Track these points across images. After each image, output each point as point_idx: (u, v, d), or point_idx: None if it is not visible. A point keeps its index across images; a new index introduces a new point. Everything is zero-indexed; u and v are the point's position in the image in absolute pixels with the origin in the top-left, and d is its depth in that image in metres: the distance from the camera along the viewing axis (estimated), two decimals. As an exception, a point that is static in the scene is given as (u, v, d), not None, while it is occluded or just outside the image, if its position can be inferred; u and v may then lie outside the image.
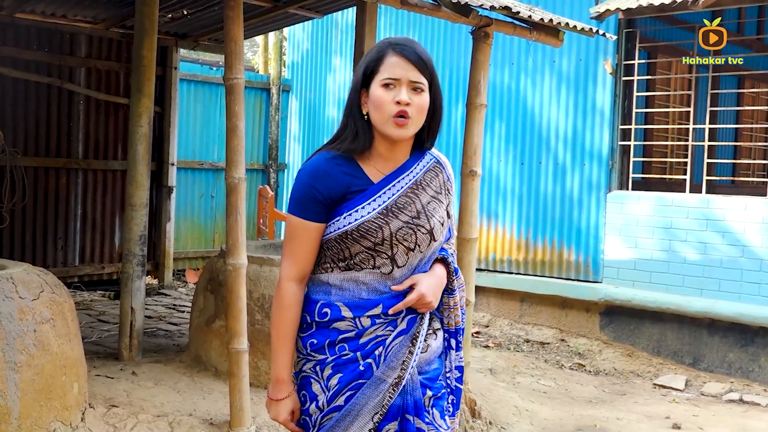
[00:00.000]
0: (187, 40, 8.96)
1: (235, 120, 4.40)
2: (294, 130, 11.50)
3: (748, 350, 7.23)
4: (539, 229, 8.64)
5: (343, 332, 2.30)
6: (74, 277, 8.34)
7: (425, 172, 2.39)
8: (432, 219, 2.35)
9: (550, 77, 8.61)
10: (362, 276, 2.31)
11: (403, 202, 2.32)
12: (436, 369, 2.42)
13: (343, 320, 2.30)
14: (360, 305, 2.30)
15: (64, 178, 8.23)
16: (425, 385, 2.37)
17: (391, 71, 2.27)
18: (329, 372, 2.30)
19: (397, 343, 2.31)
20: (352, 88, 2.36)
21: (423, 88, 2.29)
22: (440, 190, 2.41)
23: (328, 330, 2.31)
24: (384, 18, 9.82)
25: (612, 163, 8.15)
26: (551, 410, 6.04)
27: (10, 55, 7.66)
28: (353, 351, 2.29)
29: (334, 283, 2.34)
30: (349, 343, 2.30)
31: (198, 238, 10.37)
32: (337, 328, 2.30)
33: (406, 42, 2.31)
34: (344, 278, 2.33)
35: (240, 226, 4.39)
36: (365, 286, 2.32)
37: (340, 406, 2.29)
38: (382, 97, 2.26)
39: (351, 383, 2.29)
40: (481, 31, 5.83)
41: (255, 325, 5.04)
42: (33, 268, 4.12)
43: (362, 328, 2.30)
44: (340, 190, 2.29)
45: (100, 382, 4.87)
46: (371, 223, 2.28)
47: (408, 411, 2.32)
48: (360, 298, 2.31)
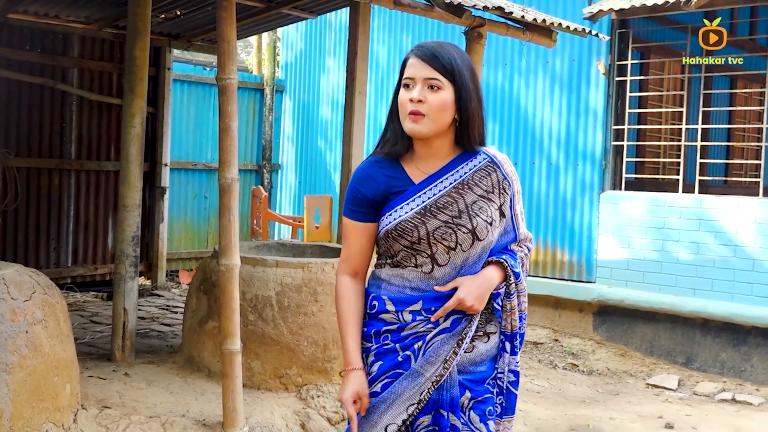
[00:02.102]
0: (180, 41, 8.95)
1: (228, 120, 4.40)
2: (288, 131, 11.50)
3: (740, 350, 7.25)
4: (532, 229, 8.64)
5: (388, 324, 2.42)
6: (67, 278, 8.32)
7: (475, 172, 2.42)
8: (476, 218, 2.38)
9: (544, 77, 8.62)
10: (406, 273, 2.41)
11: (444, 201, 2.38)
12: (483, 372, 2.45)
13: (388, 313, 2.41)
14: (402, 300, 2.40)
15: (56, 179, 8.21)
16: (465, 386, 2.41)
17: (408, 71, 2.37)
18: (372, 359, 2.43)
19: (439, 340, 2.38)
20: (393, 93, 2.47)
21: (440, 86, 2.33)
22: (491, 189, 2.43)
23: (376, 321, 2.44)
24: (377, 18, 9.83)
25: (605, 163, 8.16)
26: (545, 410, 6.05)
27: (3, 56, 7.64)
28: (394, 342, 2.40)
29: (384, 277, 2.46)
30: (391, 335, 2.41)
31: (191, 239, 10.36)
32: (383, 320, 2.42)
33: (429, 43, 2.39)
34: (392, 274, 2.44)
35: (233, 227, 4.39)
36: (409, 283, 2.41)
37: (376, 392, 2.40)
38: (401, 97, 2.38)
39: (389, 371, 2.39)
40: (474, 32, 5.85)
41: (248, 325, 5.03)
42: (25, 269, 4.11)
43: (404, 322, 2.39)
44: (382, 191, 2.41)
45: (92, 384, 4.86)
46: (407, 222, 2.36)
47: (443, 406, 2.39)
48: (404, 293, 2.41)
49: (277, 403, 4.92)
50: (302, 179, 11.22)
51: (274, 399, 4.97)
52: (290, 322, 5.07)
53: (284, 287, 5.11)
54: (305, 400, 5.01)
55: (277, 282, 5.12)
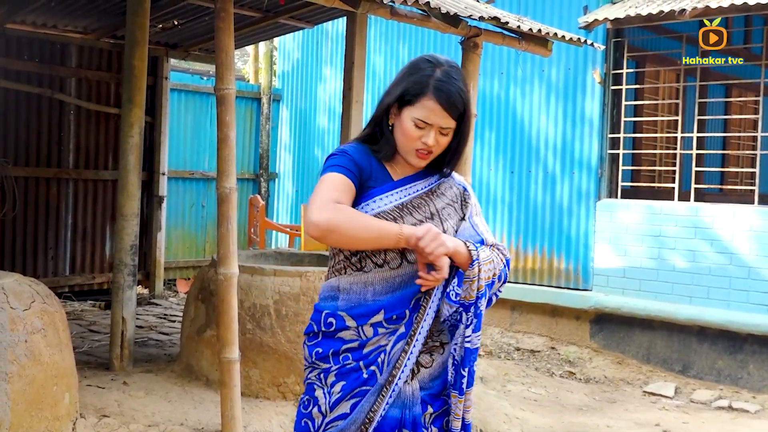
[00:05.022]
0: (178, 50, 8.98)
1: (226, 130, 4.42)
2: (285, 140, 11.52)
3: (736, 357, 7.27)
4: (529, 237, 8.68)
5: (347, 342, 2.34)
6: (65, 287, 8.32)
7: (440, 183, 2.48)
8: (446, 222, 2.42)
9: (539, 87, 8.66)
10: (370, 277, 2.35)
11: (417, 202, 2.41)
12: (441, 384, 2.41)
13: (347, 330, 2.34)
14: (363, 312, 2.33)
15: (54, 188, 8.23)
16: (426, 402, 2.37)
17: (426, 116, 2.32)
18: (333, 379, 2.34)
19: (398, 347, 2.33)
20: (384, 100, 2.41)
21: (450, 132, 2.37)
22: (456, 199, 2.49)
23: (333, 340, 2.36)
24: (374, 28, 9.87)
25: (601, 171, 8.20)
26: (542, 418, 6.06)
27: (1, 66, 7.66)
28: (356, 360, 2.33)
29: (343, 287, 2.38)
30: (352, 353, 2.33)
31: (189, 248, 10.37)
32: (342, 338, 2.35)
33: (448, 79, 2.32)
34: (353, 281, 2.37)
35: (231, 236, 4.40)
36: (371, 288, 2.35)
37: (346, 413, 2.32)
38: (411, 132, 2.34)
39: (354, 390, 2.32)
40: (470, 41, 5.88)
41: (246, 334, 5.05)
42: (24, 278, 4.12)
43: (366, 338, 2.33)
44: (367, 174, 2.37)
45: (91, 392, 4.86)
46: (387, 214, 2.34)
47: (405, 425, 2.34)
48: (365, 301, 2.34)
49: (275, 412, 4.93)
50: (299, 188, 11.24)
51: (272, 407, 4.98)
52: (288, 330, 5.09)
53: (282, 296, 5.12)
54: (303, 409, 5.01)
55: (275, 291, 5.13)
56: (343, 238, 2.24)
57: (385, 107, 2.40)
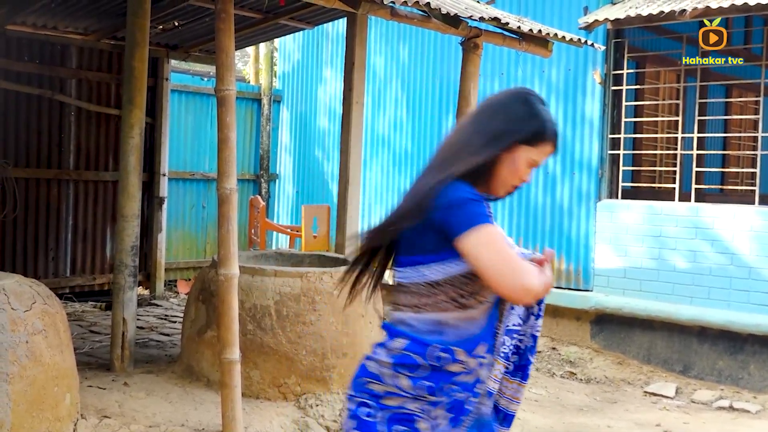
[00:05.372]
0: (179, 51, 8.98)
1: (227, 131, 4.42)
2: (285, 141, 11.52)
3: (737, 358, 7.27)
4: (530, 238, 8.67)
5: (456, 374, 2.31)
6: (65, 288, 8.33)
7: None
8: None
9: (540, 87, 8.66)
10: (475, 313, 2.31)
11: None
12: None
13: (458, 363, 2.30)
14: (471, 347, 2.31)
15: (55, 189, 8.23)
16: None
17: (542, 158, 2.37)
18: (440, 412, 2.31)
19: (485, 375, 2.40)
20: (505, 138, 2.31)
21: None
22: None
23: (442, 373, 2.30)
24: (374, 29, 9.87)
25: (602, 172, 8.20)
26: (542, 418, 6.06)
27: (2, 67, 7.67)
28: (464, 392, 2.33)
29: (450, 322, 2.31)
30: (460, 386, 2.32)
31: (189, 249, 10.37)
32: (451, 371, 2.30)
33: (556, 122, 2.40)
34: (459, 317, 2.30)
35: (232, 237, 4.41)
36: (476, 322, 2.33)
37: None
38: (522, 171, 2.34)
39: (462, 421, 2.34)
40: (470, 42, 5.89)
41: (247, 335, 5.05)
42: (25, 279, 4.13)
43: (470, 369, 2.33)
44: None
45: (92, 393, 4.87)
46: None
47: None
48: (472, 335, 2.32)
49: (275, 412, 4.93)
50: (300, 189, 11.25)
51: (272, 408, 4.98)
52: (289, 331, 5.09)
53: (283, 296, 5.13)
54: (304, 409, 5.02)
55: (276, 291, 5.14)
56: (544, 293, 2.29)
57: (508, 145, 2.31)
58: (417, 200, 2.27)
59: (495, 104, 2.38)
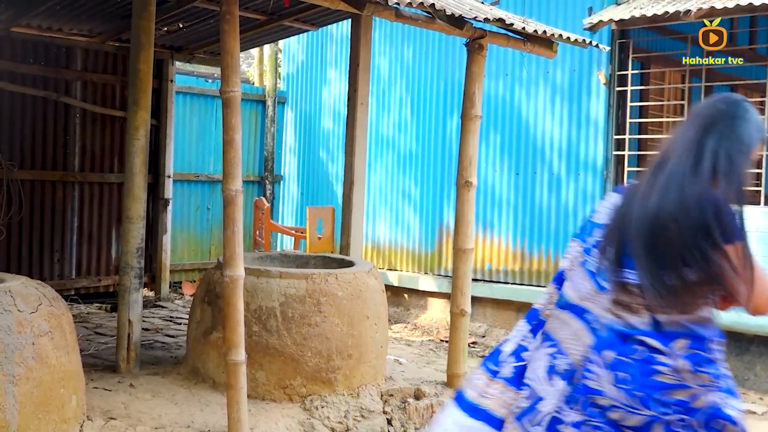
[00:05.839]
0: (183, 53, 9.00)
1: (232, 133, 4.43)
2: (290, 142, 11.53)
3: (743, 359, 7.25)
4: (535, 239, 8.67)
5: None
6: (71, 289, 8.34)
7: None
8: None
9: (545, 88, 8.66)
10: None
11: None
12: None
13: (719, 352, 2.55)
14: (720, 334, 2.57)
15: (60, 191, 8.25)
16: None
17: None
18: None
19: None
20: (744, 151, 2.59)
21: None
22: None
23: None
24: (379, 30, 9.87)
25: (607, 173, 8.19)
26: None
27: (7, 69, 7.69)
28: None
29: (713, 318, 2.59)
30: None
31: (194, 250, 10.38)
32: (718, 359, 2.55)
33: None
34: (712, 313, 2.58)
35: (237, 238, 4.41)
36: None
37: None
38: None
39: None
40: (475, 43, 5.88)
41: (252, 336, 5.05)
42: (31, 281, 4.14)
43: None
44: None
45: (98, 395, 4.87)
46: None
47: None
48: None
49: (281, 414, 4.94)
50: (304, 190, 11.25)
51: (278, 409, 4.99)
52: (294, 332, 5.09)
53: (288, 298, 5.13)
54: (309, 411, 5.02)
55: (281, 293, 5.14)
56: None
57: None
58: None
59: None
